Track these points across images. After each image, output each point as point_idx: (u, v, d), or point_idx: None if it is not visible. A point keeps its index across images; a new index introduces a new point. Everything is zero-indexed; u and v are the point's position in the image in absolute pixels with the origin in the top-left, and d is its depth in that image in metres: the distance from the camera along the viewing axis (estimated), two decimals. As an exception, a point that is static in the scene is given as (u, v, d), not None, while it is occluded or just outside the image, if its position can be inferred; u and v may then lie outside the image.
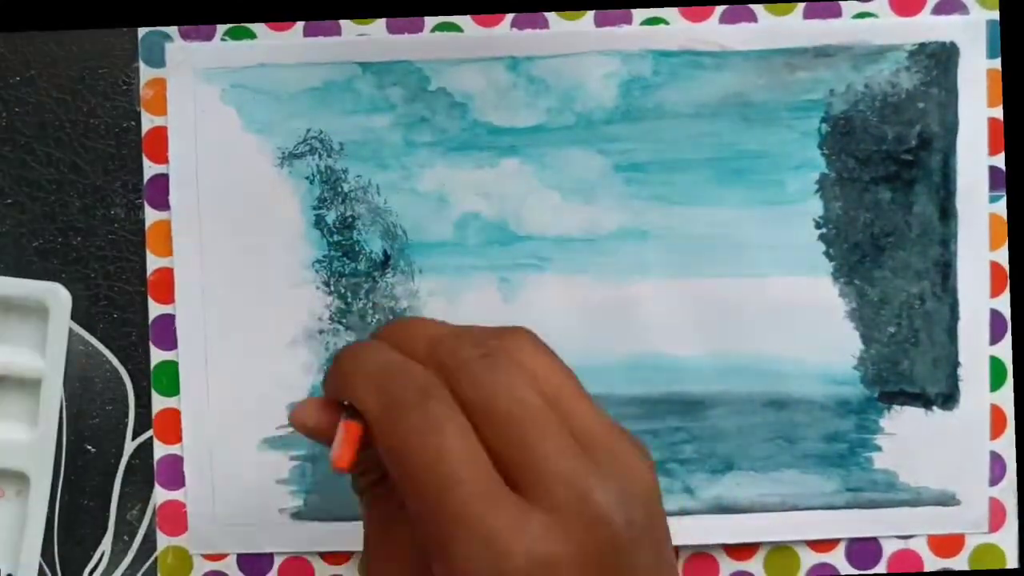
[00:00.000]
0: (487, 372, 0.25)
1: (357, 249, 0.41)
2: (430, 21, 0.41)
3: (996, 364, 0.41)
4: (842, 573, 0.41)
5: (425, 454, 0.24)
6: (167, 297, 0.41)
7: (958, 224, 0.41)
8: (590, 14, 0.41)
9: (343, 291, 0.41)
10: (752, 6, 0.41)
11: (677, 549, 0.41)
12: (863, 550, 0.41)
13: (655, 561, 0.25)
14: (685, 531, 0.41)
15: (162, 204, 0.41)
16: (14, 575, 0.40)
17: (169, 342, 0.41)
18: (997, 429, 0.41)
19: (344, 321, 0.41)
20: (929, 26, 0.41)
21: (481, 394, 0.25)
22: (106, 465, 0.41)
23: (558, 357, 0.27)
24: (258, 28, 0.41)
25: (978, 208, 0.41)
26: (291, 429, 0.40)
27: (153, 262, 0.41)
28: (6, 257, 0.41)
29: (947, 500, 0.41)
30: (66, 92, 0.41)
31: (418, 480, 0.24)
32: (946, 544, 0.41)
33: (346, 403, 0.27)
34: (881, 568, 0.41)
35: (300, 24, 0.41)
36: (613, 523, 0.24)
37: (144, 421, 0.41)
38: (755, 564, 0.41)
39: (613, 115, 0.41)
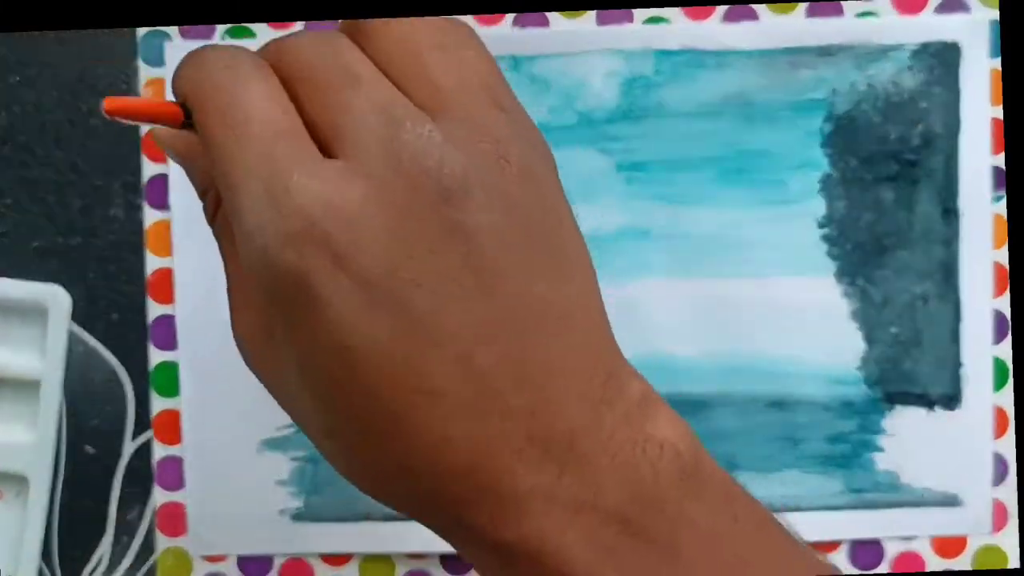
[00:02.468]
0: (313, 45, 0.23)
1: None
2: (431, 20, 0.41)
3: (999, 364, 0.41)
4: (844, 574, 0.41)
5: (220, 103, 0.22)
6: (167, 297, 0.41)
7: (961, 224, 0.41)
8: (592, 13, 0.41)
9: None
10: (754, 5, 0.41)
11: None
12: (865, 551, 0.41)
13: (507, 227, 0.22)
14: (687, 532, 0.40)
15: (162, 204, 0.41)
16: (13, 576, 0.40)
17: (169, 343, 0.41)
18: (1000, 430, 0.41)
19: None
20: (932, 25, 0.41)
21: (301, 66, 0.22)
22: (105, 466, 0.41)
23: (438, 21, 0.23)
24: (258, 28, 0.41)
25: (981, 208, 0.41)
26: (293, 429, 0.40)
27: (153, 262, 0.41)
28: (5, 257, 0.41)
29: (949, 501, 0.41)
30: (66, 92, 0.41)
31: (211, 132, 0.22)
32: (948, 545, 0.41)
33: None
34: (884, 569, 0.41)
35: (300, 24, 0.41)
36: (421, 163, 0.21)
37: (144, 422, 0.41)
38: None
39: (615, 114, 0.41)
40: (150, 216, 0.41)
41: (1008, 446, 0.41)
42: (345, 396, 0.22)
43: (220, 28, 0.41)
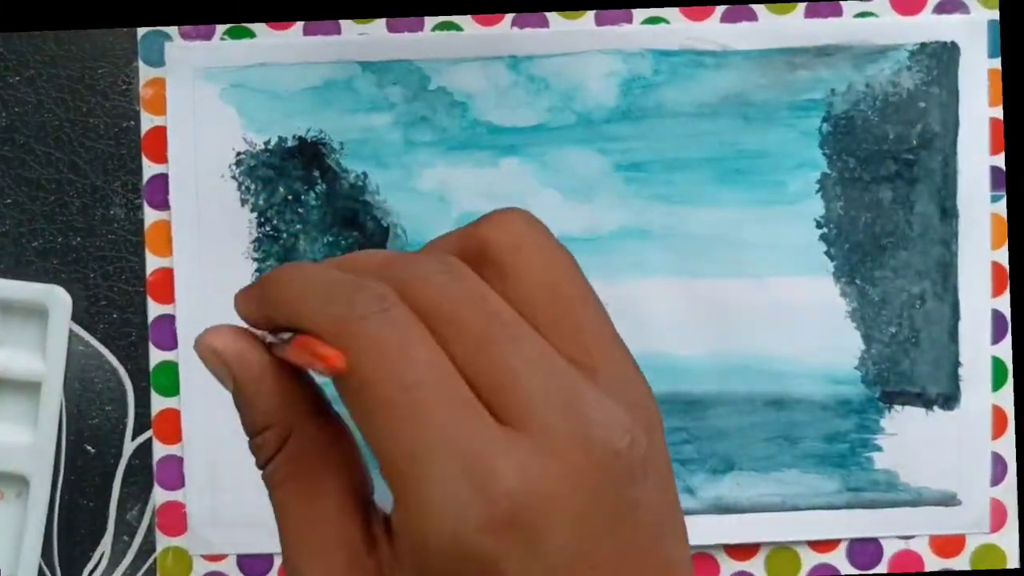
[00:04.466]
0: (450, 283, 0.21)
1: (357, 248, 0.41)
2: (430, 20, 0.41)
3: (997, 364, 0.41)
4: (843, 573, 0.41)
5: (385, 362, 0.20)
6: (167, 297, 0.41)
7: (959, 224, 0.41)
8: (590, 13, 0.41)
9: (343, 291, 0.41)
10: (753, 5, 0.41)
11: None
12: (864, 550, 0.41)
13: (662, 499, 0.21)
14: (686, 531, 0.40)
15: (162, 204, 0.41)
16: (14, 576, 0.40)
17: (169, 342, 0.41)
18: (998, 429, 0.41)
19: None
20: (930, 26, 0.41)
21: (444, 306, 0.21)
22: (106, 465, 0.41)
23: (561, 250, 0.22)
24: (258, 28, 0.41)
25: (979, 208, 0.41)
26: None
27: (153, 262, 0.41)
28: (6, 257, 0.41)
29: (948, 500, 0.41)
30: (65, 92, 0.41)
31: (375, 392, 0.20)
32: (947, 544, 0.41)
33: (269, 338, 0.23)
34: (882, 568, 0.41)
35: (300, 23, 0.41)
36: (614, 446, 0.20)
37: (144, 421, 0.41)
38: (756, 564, 0.41)
39: (613, 114, 0.41)
40: (150, 216, 0.41)
41: (1007, 446, 0.41)
42: None
43: (220, 29, 0.41)
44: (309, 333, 0.21)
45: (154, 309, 0.41)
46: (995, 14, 0.41)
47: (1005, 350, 0.41)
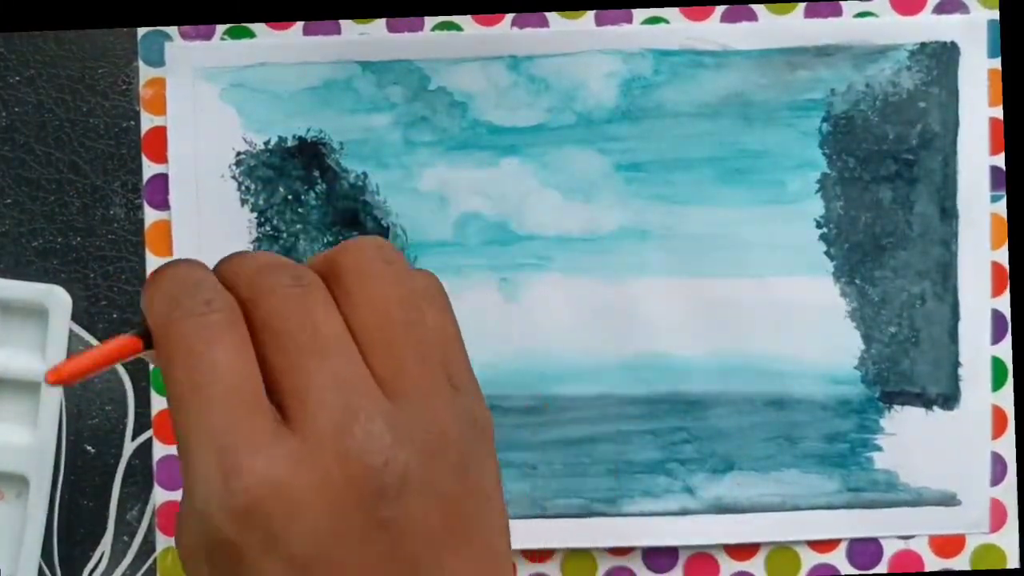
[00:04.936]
0: (289, 298, 0.23)
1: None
2: (430, 20, 0.41)
3: (997, 364, 0.41)
4: (843, 573, 0.41)
5: (188, 359, 0.22)
6: (167, 297, 0.41)
7: (959, 224, 0.41)
8: (590, 13, 0.41)
9: (343, 291, 0.41)
10: (753, 5, 0.41)
11: (677, 550, 0.41)
12: (864, 550, 0.41)
13: (438, 526, 0.23)
14: (685, 531, 0.41)
15: (162, 204, 0.41)
16: (14, 576, 0.40)
17: (169, 342, 0.41)
18: (998, 429, 0.41)
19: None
20: (930, 26, 0.41)
21: (273, 317, 0.23)
22: (106, 465, 0.41)
23: (407, 278, 0.24)
24: (258, 28, 0.41)
25: (979, 208, 0.41)
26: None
27: (153, 262, 0.41)
28: (5, 257, 0.41)
29: (948, 500, 0.41)
30: (65, 92, 0.41)
31: (174, 387, 0.22)
32: (947, 544, 0.41)
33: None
34: (882, 568, 0.41)
35: (300, 23, 0.41)
36: (365, 462, 0.22)
37: (144, 421, 0.41)
38: (756, 564, 0.41)
39: (614, 114, 0.41)
40: (150, 216, 0.41)
41: (1007, 446, 0.41)
42: None
43: (220, 28, 0.41)
44: (150, 326, 0.24)
45: (154, 309, 0.41)
46: (995, 14, 0.41)
47: (1005, 350, 0.41)
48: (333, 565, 0.22)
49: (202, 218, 0.41)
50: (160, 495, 0.41)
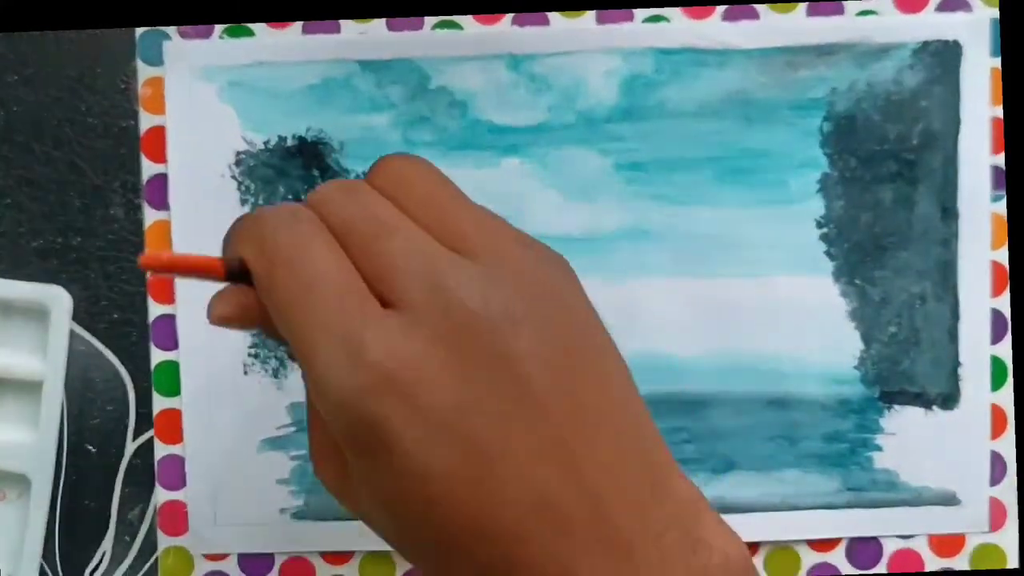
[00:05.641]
0: (346, 198, 0.26)
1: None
2: (430, 19, 0.41)
3: (997, 364, 0.41)
4: (843, 573, 0.41)
5: (291, 264, 0.24)
6: (167, 297, 0.41)
7: (959, 224, 0.41)
8: (591, 12, 0.41)
9: (343, 291, 0.41)
10: (754, 4, 0.41)
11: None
12: (864, 550, 0.41)
13: (556, 351, 0.24)
14: (686, 530, 0.41)
15: (161, 204, 0.41)
16: None
17: (170, 342, 0.41)
18: (998, 429, 0.41)
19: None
20: (932, 24, 0.40)
21: (339, 213, 0.25)
22: (107, 465, 0.41)
23: (435, 170, 0.27)
24: (257, 27, 0.41)
25: (980, 208, 0.41)
26: (293, 428, 0.40)
27: (153, 262, 0.41)
28: (6, 257, 0.41)
29: (948, 500, 0.41)
30: (64, 91, 0.41)
31: (283, 293, 0.24)
32: (947, 544, 0.41)
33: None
34: (882, 568, 0.41)
35: (299, 22, 0.41)
36: (467, 306, 0.24)
37: (145, 421, 0.41)
38: (756, 564, 0.41)
39: (614, 114, 0.41)
40: (150, 216, 0.41)
41: (1006, 445, 0.41)
42: (427, 522, 0.24)
43: (219, 28, 0.40)
44: (245, 256, 0.26)
45: (155, 309, 0.41)
46: (997, 13, 0.40)
47: (1005, 350, 0.41)
48: (472, 409, 0.23)
49: (202, 218, 0.41)
50: (161, 495, 0.41)
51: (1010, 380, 0.41)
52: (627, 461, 0.25)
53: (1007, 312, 0.41)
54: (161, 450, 0.41)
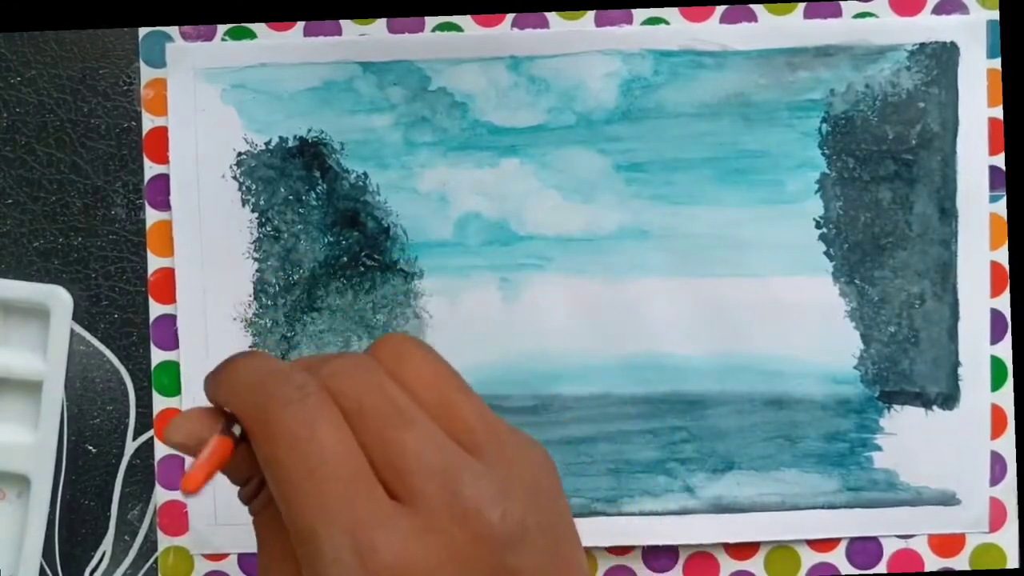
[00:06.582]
0: (359, 373, 0.25)
1: (358, 249, 0.41)
2: (431, 21, 0.41)
3: (996, 364, 0.41)
4: (842, 572, 0.41)
5: (295, 445, 0.23)
6: (168, 297, 0.41)
7: (958, 224, 0.41)
8: (590, 14, 0.41)
9: (345, 291, 0.41)
10: (752, 6, 0.41)
11: (677, 549, 0.41)
12: (863, 550, 0.41)
13: (549, 560, 0.24)
14: (685, 531, 0.41)
15: (163, 204, 0.41)
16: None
17: (170, 342, 0.41)
18: (997, 429, 0.41)
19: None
20: (929, 26, 0.41)
21: (352, 393, 0.24)
22: (107, 465, 0.41)
23: (439, 356, 0.26)
24: (258, 28, 0.41)
25: (978, 208, 0.41)
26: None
27: (154, 262, 0.41)
28: (7, 257, 0.41)
29: (947, 500, 0.41)
30: (66, 92, 0.41)
31: (286, 473, 0.23)
32: (946, 544, 0.41)
33: (226, 413, 0.26)
34: (881, 568, 0.41)
35: (300, 24, 0.41)
36: (486, 518, 0.23)
37: (145, 421, 0.41)
38: (755, 564, 0.41)
39: (613, 115, 0.41)
40: (151, 216, 0.41)
41: (1006, 445, 0.41)
42: None
43: (221, 30, 0.41)
44: (241, 418, 0.25)
45: (155, 309, 0.41)
46: (995, 14, 0.41)
47: (1004, 350, 0.41)
48: None
49: (203, 218, 0.41)
50: (161, 495, 0.41)
51: (1010, 380, 0.41)
52: None
53: (1007, 312, 0.41)
54: (161, 450, 0.41)
